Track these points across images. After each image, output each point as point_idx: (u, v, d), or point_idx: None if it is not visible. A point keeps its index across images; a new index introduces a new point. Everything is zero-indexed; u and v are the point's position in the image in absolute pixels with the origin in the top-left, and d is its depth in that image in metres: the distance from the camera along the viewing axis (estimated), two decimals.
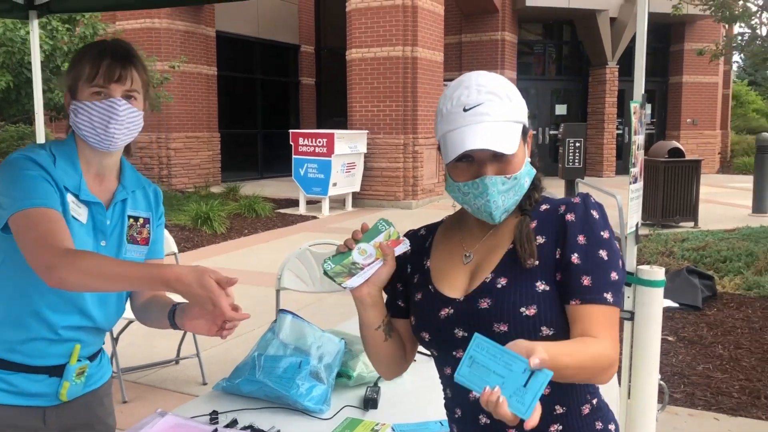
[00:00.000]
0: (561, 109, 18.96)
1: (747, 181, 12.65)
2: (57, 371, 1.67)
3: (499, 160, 1.28)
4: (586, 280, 1.26)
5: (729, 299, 5.88)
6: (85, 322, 1.67)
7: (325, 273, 1.36)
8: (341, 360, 2.12)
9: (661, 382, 2.59)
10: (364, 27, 11.93)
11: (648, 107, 19.93)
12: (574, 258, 1.27)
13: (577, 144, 7.06)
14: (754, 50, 8.63)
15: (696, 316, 5.45)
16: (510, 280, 1.29)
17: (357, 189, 11.97)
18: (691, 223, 9.96)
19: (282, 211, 11.49)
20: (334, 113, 17.50)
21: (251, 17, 16.22)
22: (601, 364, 1.19)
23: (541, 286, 1.28)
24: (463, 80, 1.32)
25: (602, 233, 1.30)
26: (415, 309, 1.42)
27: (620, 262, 1.30)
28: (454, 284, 1.37)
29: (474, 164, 1.28)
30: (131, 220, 1.75)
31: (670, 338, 4.95)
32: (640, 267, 2.46)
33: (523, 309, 1.26)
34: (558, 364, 1.08)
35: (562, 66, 19.71)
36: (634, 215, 2.58)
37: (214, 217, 9.47)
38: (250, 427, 1.82)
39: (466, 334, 1.30)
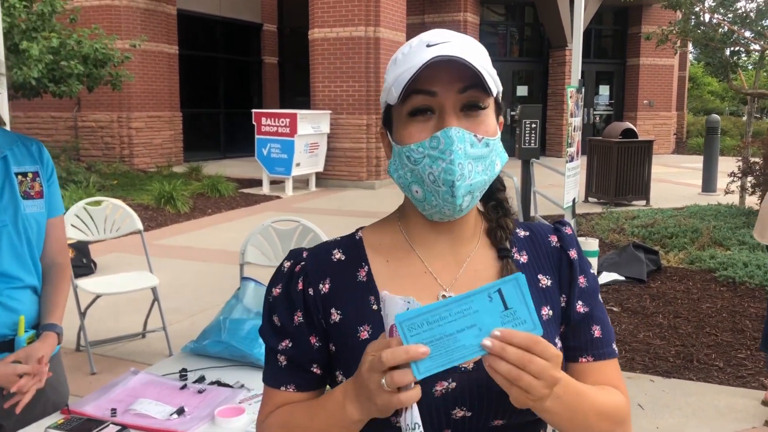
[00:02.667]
0: (522, 90, 19.26)
1: (699, 161, 13.11)
2: (7, 347, 1.79)
3: (469, 117, 0.96)
4: (596, 331, 1.06)
5: (672, 272, 6.21)
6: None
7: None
8: None
9: None
10: (326, 7, 11.99)
11: (606, 89, 20.41)
12: (580, 306, 1.06)
13: (533, 125, 7.28)
14: (696, 36, 8.96)
15: (640, 288, 5.76)
16: None
17: (320, 169, 12.09)
18: (643, 202, 10.34)
19: (245, 190, 11.58)
20: (298, 93, 17.52)
21: None
22: (621, 415, 1.01)
23: (559, 343, 1.04)
24: (429, 30, 1.02)
25: (593, 272, 1.11)
26: None
27: None
28: None
29: (434, 118, 0.96)
30: (20, 177, 1.86)
31: (615, 309, 5.24)
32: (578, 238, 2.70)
33: None
34: (579, 391, 0.93)
35: (523, 47, 20.01)
36: (571, 191, 2.82)
37: (177, 197, 9.53)
38: (217, 382, 2.00)
39: (469, 414, 0.97)
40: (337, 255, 1.06)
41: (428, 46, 0.96)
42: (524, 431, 1.02)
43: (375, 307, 1.01)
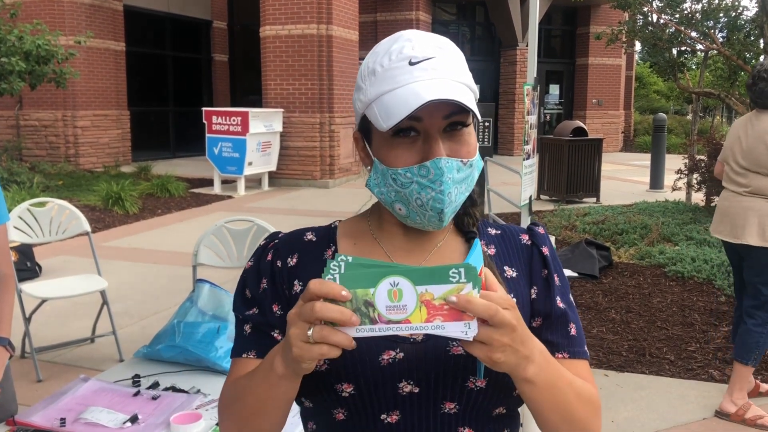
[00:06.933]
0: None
1: (647, 159, 13.41)
2: None
3: (452, 138, 0.96)
4: (573, 329, 1.05)
5: (623, 268, 6.33)
6: None
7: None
8: None
9: None
10: (277, 4, 11.86)
11: (556, 88, 20.71)
12: (560, 302, 1.05)
13: (486, 124, 7.34)
14: (644, 36, 9.16)
15: (593, 284, 5.85)
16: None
17: (273, 168, 11.96)
18: (594, 199, 10.52)
19: (196, 190, 11.37)
20: (249, 91, 17.31)
21: None
22: (597, 403, 1.00)
23: None
24: (401, 35, 0.99)
25: (565, 273, 1.11)
26: None
27: None
28: None
29: (419, 140, 0.95)
30: None
31: None
32: None
33: None
34: (559, 367, 0.92)
35: (475, 46, 20.17)
36: (527, 189, 2.82)
37: (125, 197, 9.29)
38: (172, 387, 1.93)
39: (416, 390, 0.96)
40: (309, 236, 1.10)
41: (411, 63, 0.95)
42: (480, 422, 0.99)
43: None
